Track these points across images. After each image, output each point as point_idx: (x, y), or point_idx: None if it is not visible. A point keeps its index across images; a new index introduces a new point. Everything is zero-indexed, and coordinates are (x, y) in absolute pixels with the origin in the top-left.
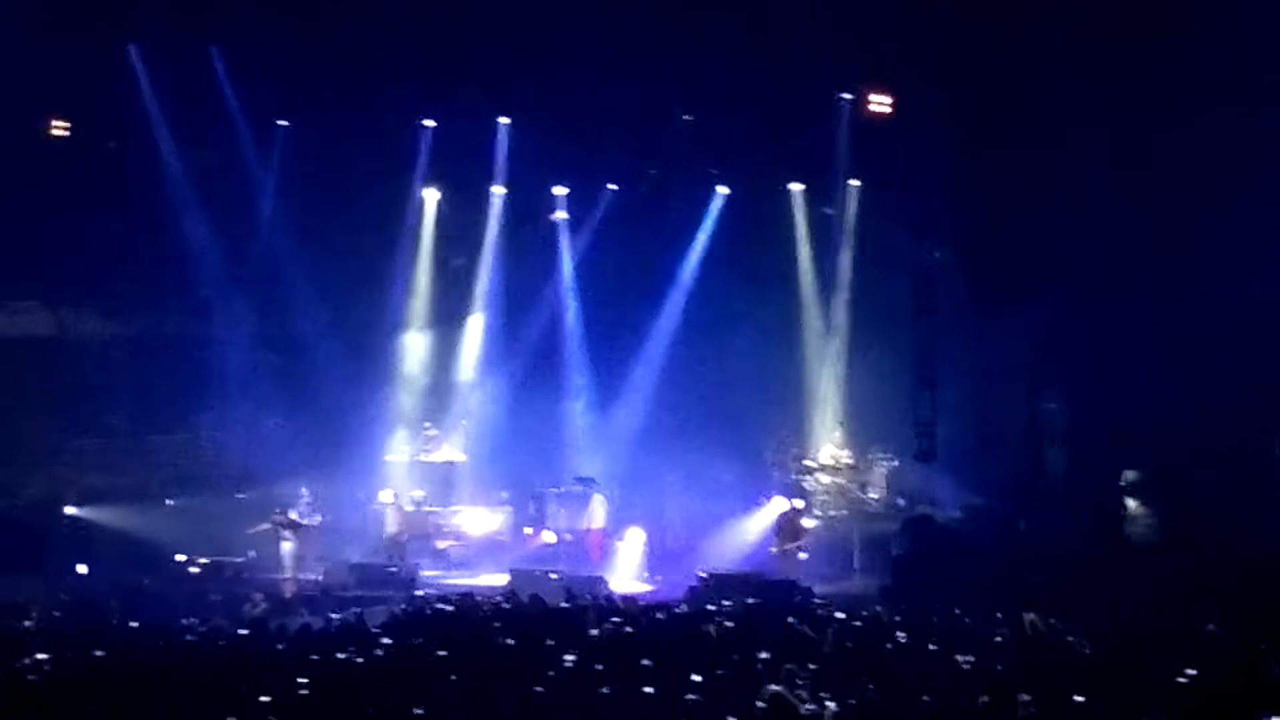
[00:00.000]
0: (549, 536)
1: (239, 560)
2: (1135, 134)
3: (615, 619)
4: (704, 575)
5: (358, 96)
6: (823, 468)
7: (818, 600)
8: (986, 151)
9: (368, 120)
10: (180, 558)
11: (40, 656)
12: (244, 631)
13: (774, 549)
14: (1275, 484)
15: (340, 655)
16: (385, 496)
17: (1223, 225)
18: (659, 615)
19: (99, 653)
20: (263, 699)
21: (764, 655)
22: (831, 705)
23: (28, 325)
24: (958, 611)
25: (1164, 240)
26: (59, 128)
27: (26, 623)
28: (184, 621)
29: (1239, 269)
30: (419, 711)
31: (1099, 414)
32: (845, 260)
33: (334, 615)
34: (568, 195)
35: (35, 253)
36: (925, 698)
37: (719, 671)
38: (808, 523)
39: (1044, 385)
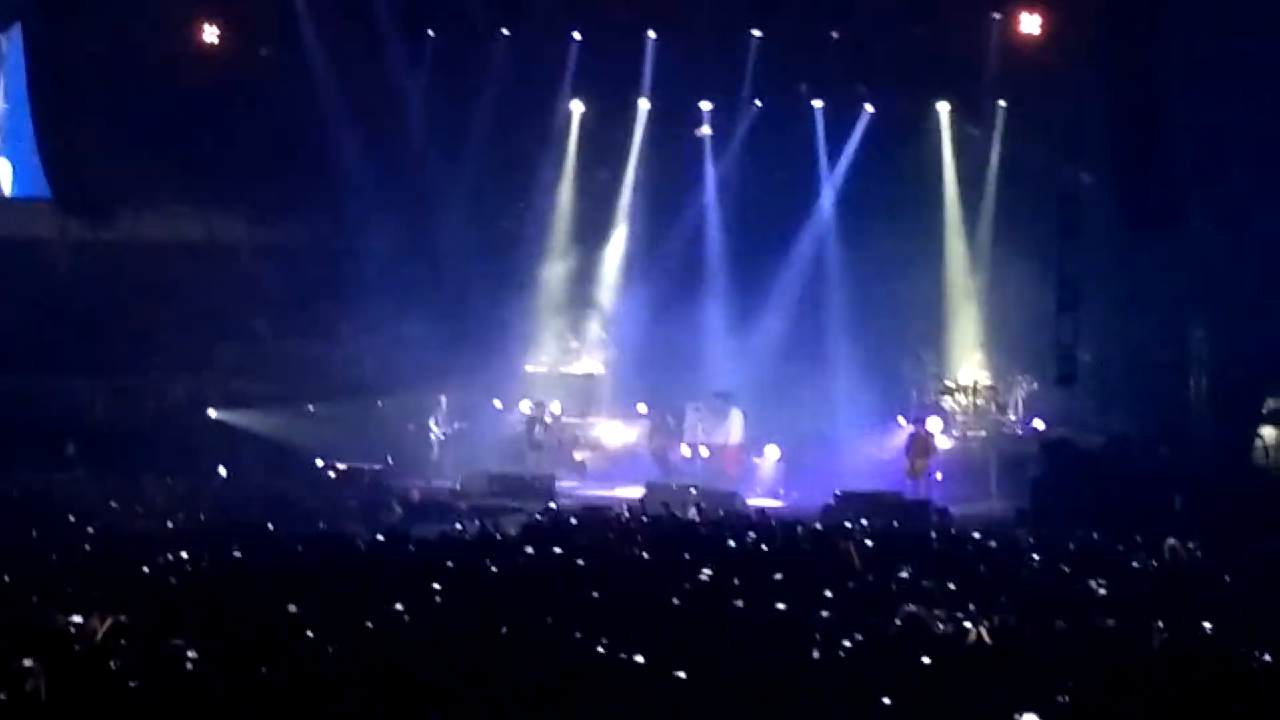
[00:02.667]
0: (685, 450)
1: (377, 467)
2: None
3: (751, 534)
4: (839, 493)
5: (505, 8)
6: (962, 389)
7: (954, 521)
8: (1137, 76)
9: (515, 31)
10: (319, 463)
11: (183, 555)
12: (380, 538)
13: (906, 469)
14: None
15: (475, 563)
16: (524, 407)
17: None
18: (799, 530)
19: (237, 554)
20: (397, 605)
21: (902, 574)
22: (968, 626)
23: (178, 229)
24: (1095, 536)
25: None
26: (210, 34)
27: (169, 523)
28: (321, 526)
29: None
30: (551, 620)
31: (1244, 342)
32: (990, 181)
33: (470, 523)
34: (713, 110)
35: (186, 158)
36: (1060, 622)
37: (851, 585)
38: (941, 442)
39: (1190, 313)
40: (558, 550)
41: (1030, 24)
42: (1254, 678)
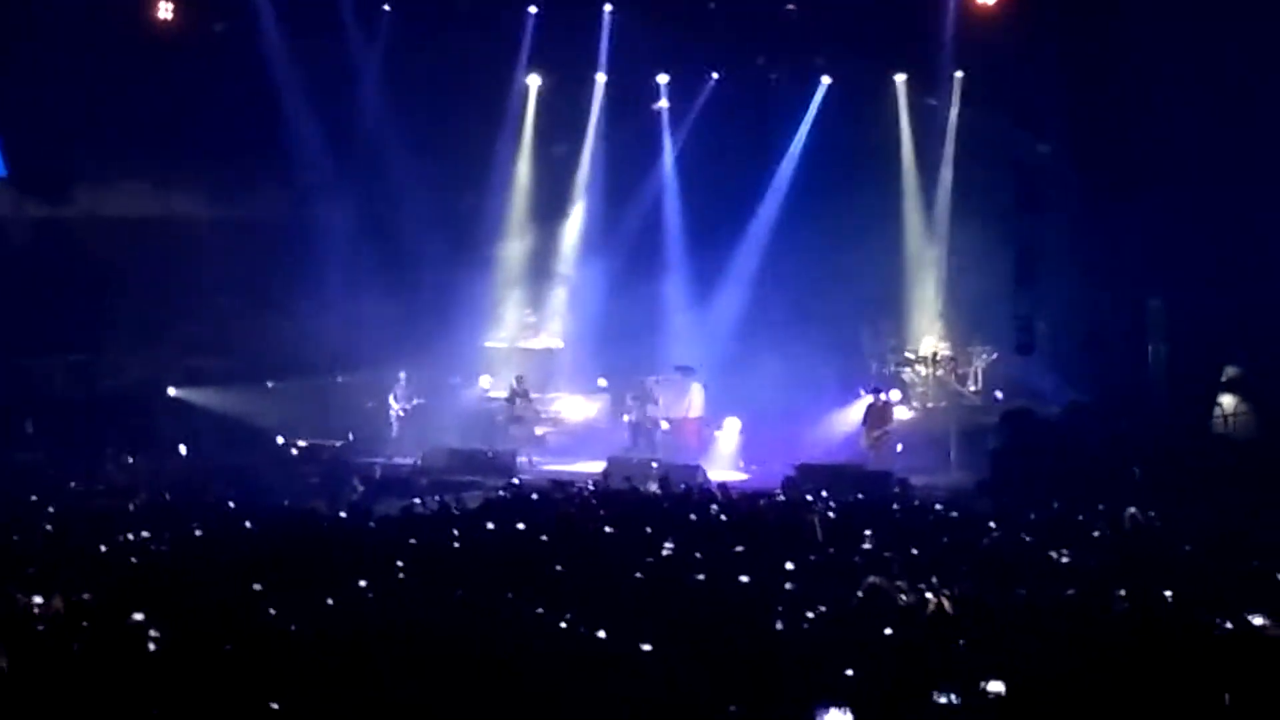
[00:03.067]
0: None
1: (338, 444)
2: (1250, 32)
3: (713, 507)
4: (800, 466)
5: None
6: (921, 360)
7: (915, 492)
8: (1095, 46)
9: (471, 6)
10: (280, 440)
11: (144, 535)
12: (342, 514)
13: (863, 441)
14: None
15: (436, 539)
16: (484, 382)
17: None
18: (761, 502)
19: (198, 532)
20: (360, 583)
21: (864, 546)
22: (930, 597)
23: (135, 206)
24: (1055, 506)
25: (1273, 137)
26: (165, 11)
27: (130, 503)
28: (283, 503)
29: None
30: (513, 595)
31: (1202, 311)
32: (948, 153)
33: (432, 499)
34: (670, 83)
35: (143, 136)
36: (1020, 590)
37: (814, 558)
38: (900, 413)
39: (1148, 282)
40: (519, 525)
41: None
42: (1214, 644)
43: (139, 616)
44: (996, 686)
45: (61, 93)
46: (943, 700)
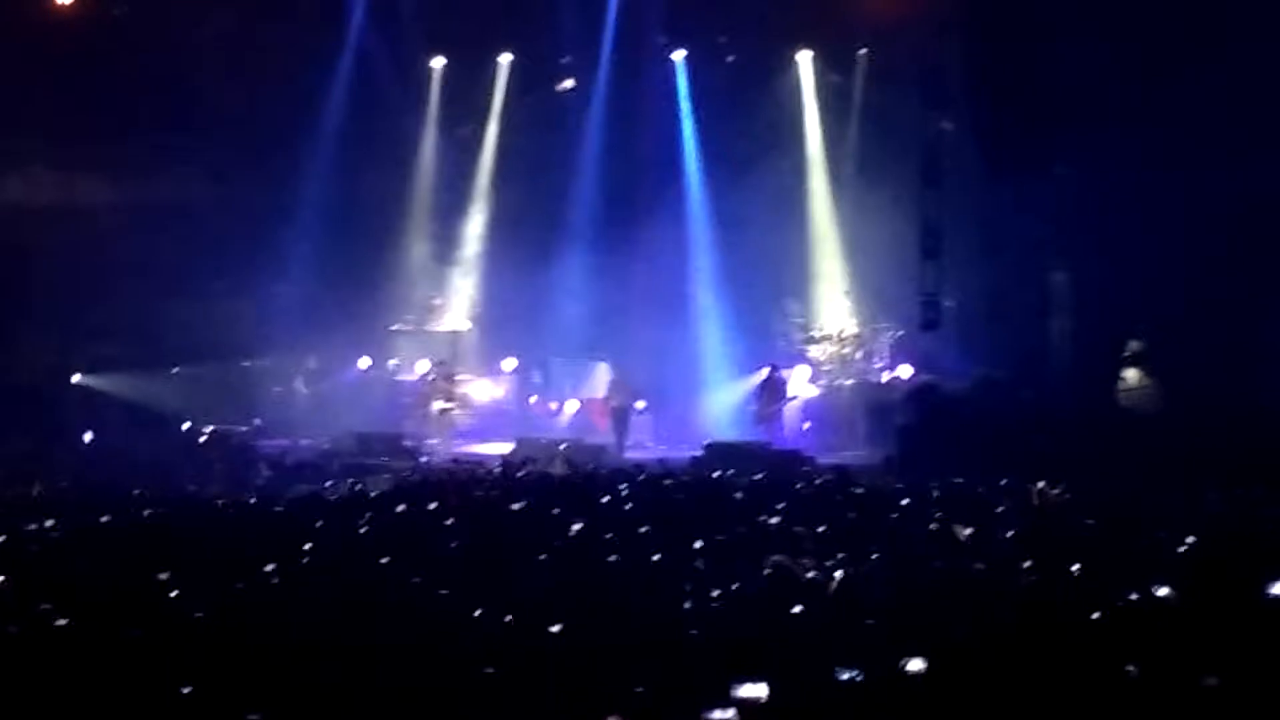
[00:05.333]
0: (553, 405)
1: (245, 429)
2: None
3: (621, 487)
4: (708, 444)
5: None
6: (828, 337)
7: (822, 470)
8: (997, 21)
9: None
10: (186, 426)
11: (47, 523)
12: (250, 499)
13: (756, 414)
14: (1276, 353)
15: (344, 522)
16: (390, 365)
17: (1232, 94)
18: (666, 483)
19: (104, 519)
20: (267, 567)
21: (771, 522)
22: (838, 574)
23: (38, 192)
24: (961, 481)
25: (1174, 111)
26: None
27: (34, 490)
28: (190, 489)
29: (1249, 141)
30: (417, 580)
31: (1105, 285)
32: (853, 130)
33: (340, 483)
34: (574, 63)
35: (45, 121)
36: (935, 563)
37: (720, 539)
38: (805, 389)
39: (1051, 257)
40: (428, 507)
41: None
42: (1122, 615)
43: (45, 606)
44: (916, 665)
45: None
46: (845, 677)
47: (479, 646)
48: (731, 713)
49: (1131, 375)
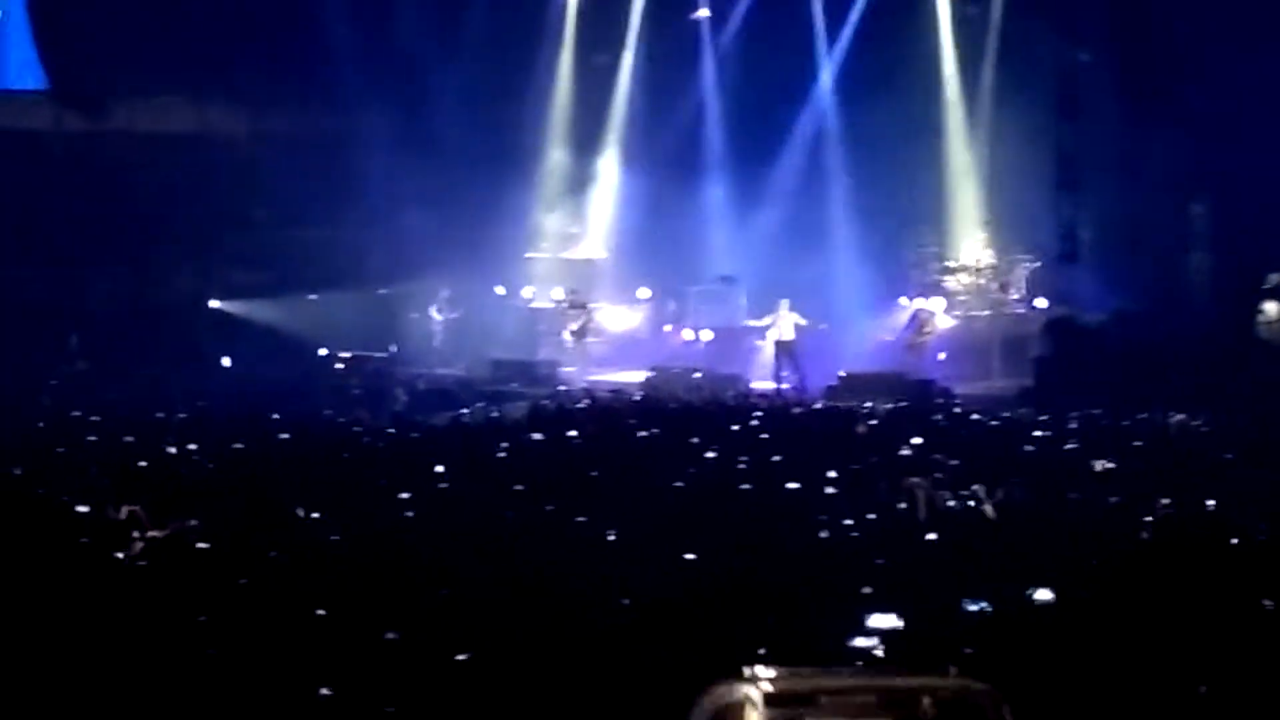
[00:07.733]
0: (688, 334)
1: (382, 355)
2: None
3: (756, 415)
4: (843, 375)
5: None
6: (963, 268)
7: (957, 400)
8: None
9: None
10: (323, 352)
11: (188, 447)
12: (387, 427)
13: (906, 345)
14: None
15: (480, 449)
16: (526, 293)
17: None
18: (796, 411)
19: (239, 445)
20: (402, 495)
21: (906, 451)
22: (974, 504)
23: (173, 121)
24: (1098, 413)
25: None
26: None
27: (179, 415)
28: (326, 414)
29: None
30: (550, 508)
31: (1245, 217)
32: (989, 61)
33: (476, 410)
34: None
35: (182, 50)
36: (1072, 495)
37: (856, 466)
38: (943, 321)
39: (1191, 188)
40: (565, 434)
41: None
42: (1254, 551)
43: (188, 526)
44: (1044, 595)
45: (101, 8)
46: (973, 608)
47: (615, 572)
48: (874, 640)
49: (1271, 308)
